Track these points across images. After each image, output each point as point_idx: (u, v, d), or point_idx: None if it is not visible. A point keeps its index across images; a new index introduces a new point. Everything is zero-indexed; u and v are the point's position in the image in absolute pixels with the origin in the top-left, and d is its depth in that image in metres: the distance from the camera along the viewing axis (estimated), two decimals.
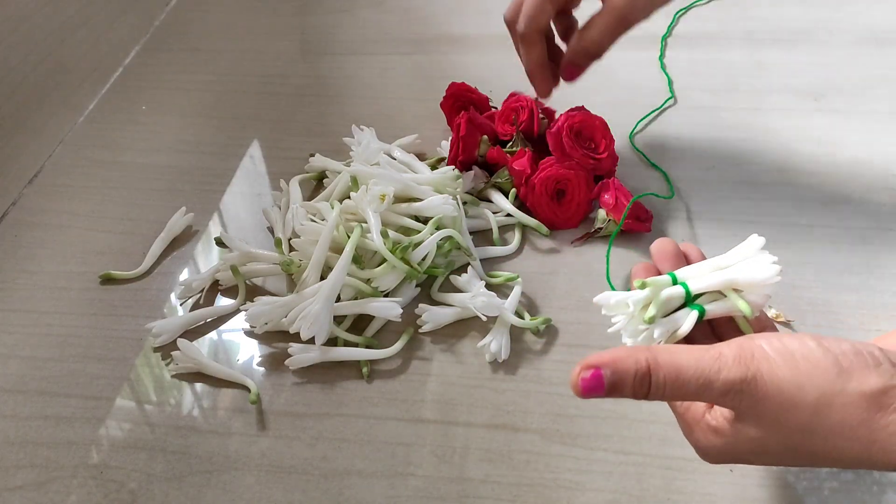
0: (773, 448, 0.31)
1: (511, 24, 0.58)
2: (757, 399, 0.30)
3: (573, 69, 0.58)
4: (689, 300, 0.38)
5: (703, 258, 0.41)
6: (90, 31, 0.81)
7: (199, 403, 0.51)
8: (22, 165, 0.70)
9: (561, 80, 0.58)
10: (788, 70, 0.77)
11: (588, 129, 0.62)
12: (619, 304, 0.37)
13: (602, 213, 0.59)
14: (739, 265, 0.38)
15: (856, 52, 0.79)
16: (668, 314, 0.37)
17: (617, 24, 0.54)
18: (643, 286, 0.37)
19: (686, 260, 0.41)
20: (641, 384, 0.31)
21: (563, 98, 0.74)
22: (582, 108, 0.63)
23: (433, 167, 0.65)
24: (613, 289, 0.54)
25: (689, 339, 0.37)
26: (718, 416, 0.33)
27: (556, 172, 0.59)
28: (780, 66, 0.78)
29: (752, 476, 0.44)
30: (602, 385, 0.31)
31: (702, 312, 0.37)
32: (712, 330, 0.39)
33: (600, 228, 0.59)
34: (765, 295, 0.37)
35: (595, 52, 0.56)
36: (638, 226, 0.58)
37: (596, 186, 0.60)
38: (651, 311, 0.36)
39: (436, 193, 0.58)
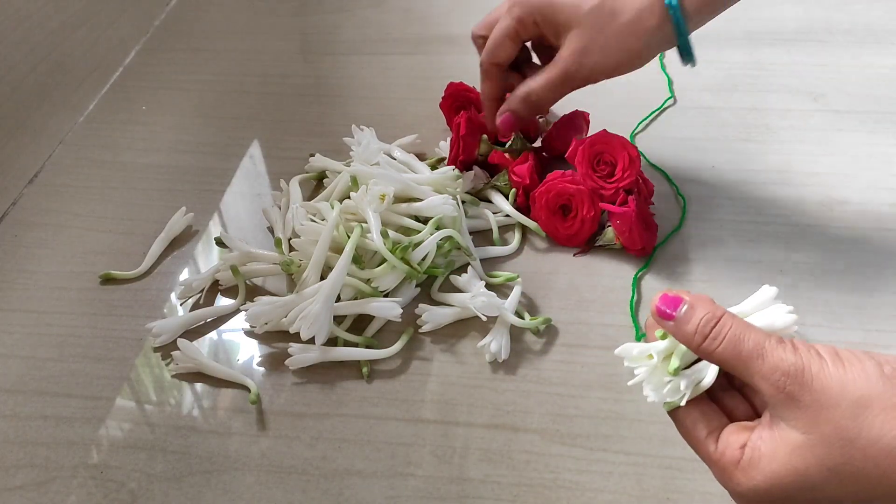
0: (814, 465, 0.30)
1: (475, 40, 0.60)
2: (802, 386, 0.30)
3: (508, 117, 0.57)
4: None
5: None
6: (90, 30, 0.81)
7: (199, 403, 0.51)
8: (22, 165, 0.70)
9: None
10: (788, 70, 0.77)
11: (609, 153, 0.57)
12: (641, 356, 0.36)
13: (610, 231, 0.57)
14: (756, 315, 0.37)
15: (856, 52, 0.79)
16: (689, 365, 0.37)
17: (561, 80, 0.53)
18: (664, 336, 0.36)
19: None
20: (708, 323, 0.33)
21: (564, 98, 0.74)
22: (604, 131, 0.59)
23: (433, 167, 0.65)
24: (636, 325, 0.53)
25: (709, 393, 0.37)
26: (756, 441, 0.33)
27: (559, 187, 0.57)
28: (780, 66, 0.78)
29: None
30: (679, 305, 0.34)
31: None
32: (729, 381, 0.38)
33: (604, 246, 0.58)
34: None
35: (534, 104, 0.56)
36: (642, 250, 0.57)
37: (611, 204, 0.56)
38: (675, 363, 0.35)
39: (436, 193, 0.58)
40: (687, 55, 0.52)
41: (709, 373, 0.36)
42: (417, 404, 0.50)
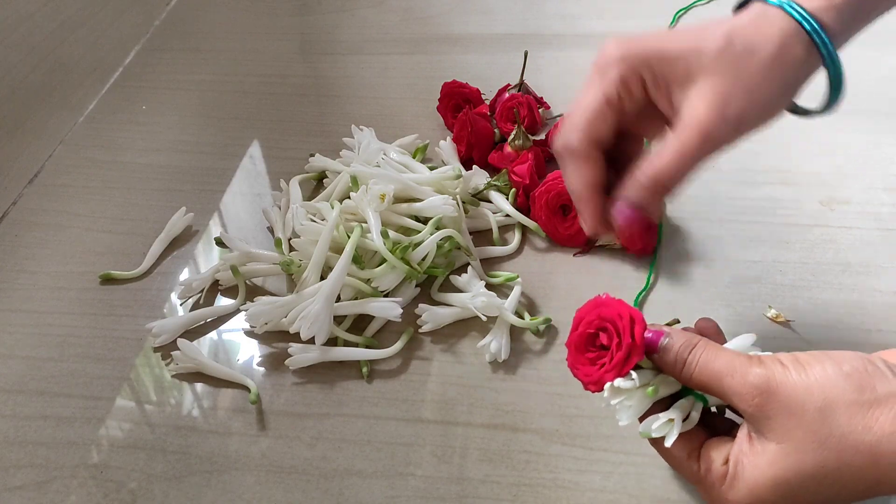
0: (793, 472, 0.31)
1: (568, 152, 0.41)
2: (769, 396, 0.32)
3: (632, 214, 0.39)
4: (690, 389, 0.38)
5: (719, 331, 0.41)
6: (90, 30, 0.81)
7: (199, 403, 0.51)
8: (22, 165, 0.70)
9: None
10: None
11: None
12: (623, 384, 0.36)
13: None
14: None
15: (856, 52, 0.79)
16: (672, 396, 0.38)
17: (700, 146, 0.37)
18: (638, 368, 0.37)
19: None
20: (685, 349, 0.36)
21: (563, 96, 0.74)
22: None
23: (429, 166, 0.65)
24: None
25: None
26: (737, 454, 0.34)
27: (559, 187, 0.57)
28: None
29: None
30: (658, 340, 0.37)
31: (705, 402, 0.38)
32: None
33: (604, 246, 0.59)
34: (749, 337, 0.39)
35: (665, 187, 0.39)
36: (643, 250, 0.57)
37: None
38: (653, 385, 0.37)
39: (436, 193, 0.58)
40: (836, 87, 0.39)
41: (694, 411, 0.37)
42: (417, 404, 0.50)
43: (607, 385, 0.36)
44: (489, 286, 0.55)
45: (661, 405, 0.37)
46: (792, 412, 0.31)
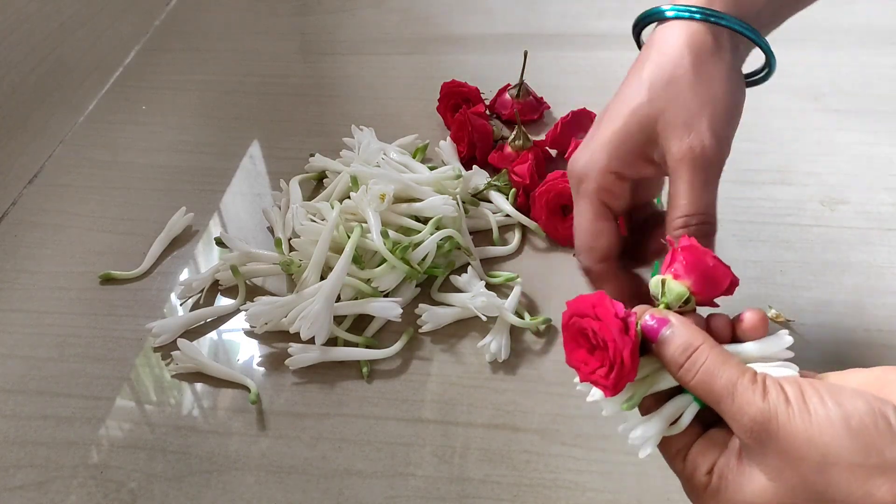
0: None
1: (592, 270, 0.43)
2: (769, 435, 0.30)
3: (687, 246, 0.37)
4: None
5: (730, 326, 0.37)
6: (90, 30, 0.81)
7: (199, 403, 0.51)
8: (22, 165, 0.70)
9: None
10: (788, 70, 0.77)
11: None
12: (606, 405, 0.34)
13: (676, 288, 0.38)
14: (748, 345, 0.35)
15: (856, 52, 0.79)
16: (667, 392, 0.35)
17: (699, 172, 0.38)
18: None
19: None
20: (684, 353, 0.32)
21: (563, 96, 0.74)
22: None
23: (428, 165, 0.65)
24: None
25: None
26: (723, 468, 0.32)
27: (559, 187, 0.57)
28: (780, 66, 0.77)
29: None
30: (664, 325, 0.33)
31: (702, 406, 0.35)
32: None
33: None
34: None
35: (704, 221, 0.38)
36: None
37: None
38: (632, 399, 0.34)
39: (436, 193, 0.58)
40: (766, 49, 0.44)
41: (687, 413, 0.35)
42: (417, 404, 0.50)
43: (592, 394, 0.34)
44: (489, 286, 0.55)
45: (656, 398, 0.35)
46: (789, 458, 0.29)
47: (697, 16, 0.39)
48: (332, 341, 0.52)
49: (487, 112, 0.70)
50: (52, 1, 0.75)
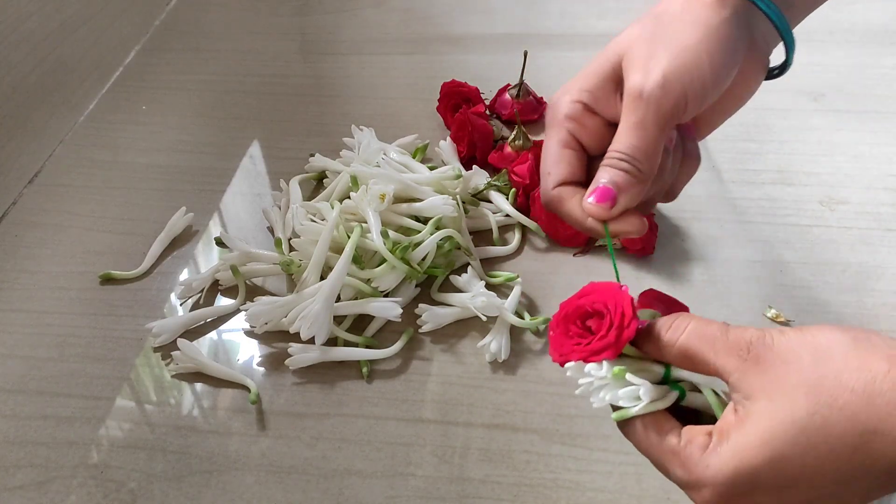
0: (781, 428, 0.29)
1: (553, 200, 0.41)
2: (765, 348, 0.31)
3: (605, 190, 0.38)
4: (668, 380, 0.35)
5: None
6: (90, 30, 0.81)
7: (199, 403, 0.51)
8: (22, 165, 0.70)
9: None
10: (789, 70, 0.77)
11: None
12: (594, 370, 0.34)
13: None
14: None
15: (856, 52, 0.79)
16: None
17: (646, 111, 0.37)
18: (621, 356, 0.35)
19: None
20: (667, 321, 0.34)
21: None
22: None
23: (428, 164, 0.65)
24: None
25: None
26: (720, 425, 0.32)
27: None
28: None
29: None
30: (642, 324, 0.34)
31: (682, 395, 0.35)
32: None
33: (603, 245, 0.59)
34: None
35: (629, 163, 0.37)
36: (642, 250, 0.57)
37: None
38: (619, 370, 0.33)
39: (436, 193, 0.58)
40: (779, 23, 0.39)
41: (667, 397, 0.34)
42: (417, 404, 0.50)
43: (570, 363, 0.34)
44: (489, 286, 0.55)
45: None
46: (786, 360, 0.30)
47: None
48: (332, 341, 0.52)
49: (487, 112, 0.70)
50: (52, 1, 0.75)
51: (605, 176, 0.38)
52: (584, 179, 0.41)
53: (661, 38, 0.37)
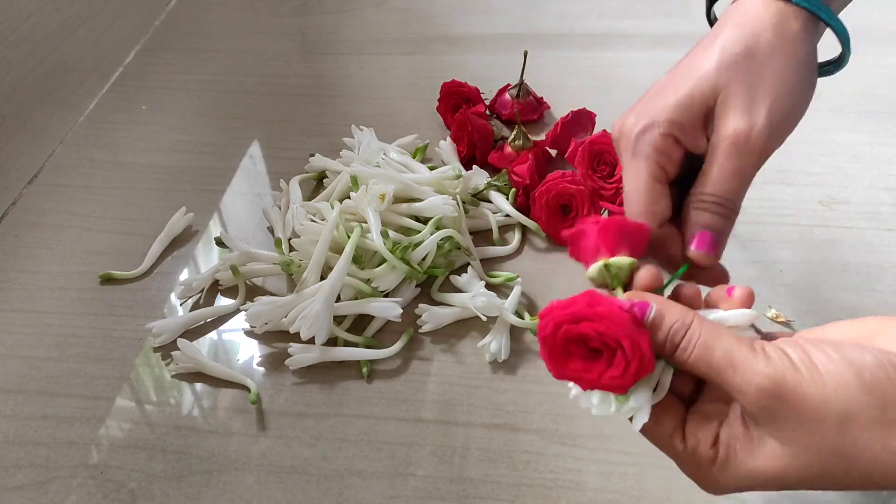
0: (794, 472, 0.30)
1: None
2: (780, 402, 0.29)
3: (707, 237, 0.37)
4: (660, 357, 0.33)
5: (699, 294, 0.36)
6: (90, 30, 0.81)
7: (199, 403, 0.51)
8: (22, 165, 0.70)
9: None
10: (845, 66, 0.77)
11: (610, 154, 0.58)
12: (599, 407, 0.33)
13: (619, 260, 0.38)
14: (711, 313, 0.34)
15: (856, 52, 0.79)
16: None
17: (738, 159, 0.36)
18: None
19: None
20: (678, 332, 0.31)
21: (563, 96, 0.74)
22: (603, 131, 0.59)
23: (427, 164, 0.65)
24: None
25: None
26: (729, 439, 0.32)
27: (559, 187, 0.57)
28: None
29: None
30: (646, 309, 0.31)
31: (675, 368, 0.34)
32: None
33: None
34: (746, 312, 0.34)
35: (723, 205, 0.37)
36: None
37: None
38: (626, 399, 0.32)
39: (436, 193, 0.58)
40: (845, 42, 0.39)
41: (665, 377, 0.33)
42: (417, 404, 0.50)
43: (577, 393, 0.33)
44: (489, 286, 0.55)
45: None
46: (806, 421, 0.29)
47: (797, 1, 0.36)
48: (332, 341, 0.52)
49: (487, 112, 0.70)
50: (52, 1, 0.75)
51: (704, 220, 0.37)
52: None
53: (760, 80, 0.36)
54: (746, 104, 0.36)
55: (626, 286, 0.34)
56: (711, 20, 0.43)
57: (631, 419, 0.33)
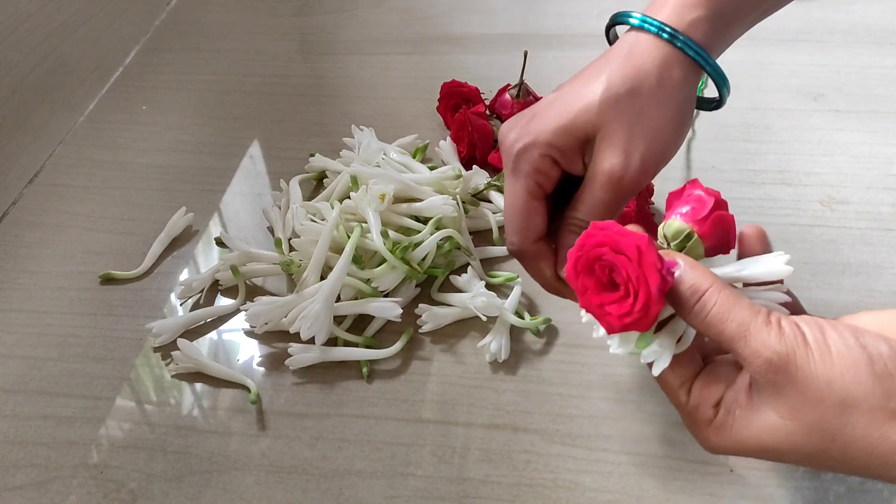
0: (787, 447, 0.30)
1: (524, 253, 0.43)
2: (786, 377, 0.29)
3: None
4: None
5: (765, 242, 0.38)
6: (90, 30, 0.81)
7: (199, 403, 0.51)
8: (22, 165, 0.70)
9: None
10: (788, 70, 0.77)
11: None
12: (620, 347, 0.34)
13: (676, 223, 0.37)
14: (746, 264, 0.35)
15: (856, 52, 0.79)
16: (666, 320, 0.35)
17: (609, 193, 0.39)
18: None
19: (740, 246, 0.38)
20: (693, 295, 0.32)
21: None
22: None
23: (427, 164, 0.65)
24: None
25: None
26: (730, 403, 0.32)
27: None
28: (780, 66, 0.78)
29: (752, 476, 0.44)
30: (673, 268, 0.32)
31: None
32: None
33: None
34: (779, 295, 0.35)
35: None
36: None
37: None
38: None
39: (436, 193, 0.58)
40: (722, 87, 0.41)
41: (688, 332, 0.34)
42: (417, 404, 0.50)
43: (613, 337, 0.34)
44: (489, 286, 0.55)
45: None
46: (808, 398, 0.29)
47: (665, 35, 0.39)
48: (332, 341, 0.52)
49: (487, 112, 0.70)
50: (52, 1, 0.75)
51: (573, 242, 0.38)
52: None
53: (639, 123, 0.39)
54: (624, 145, 0.38)
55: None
56: (610, 39, 0.45)
57: (650, 364, 0.34)
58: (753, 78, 0.76)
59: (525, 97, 0.71)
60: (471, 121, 0.64)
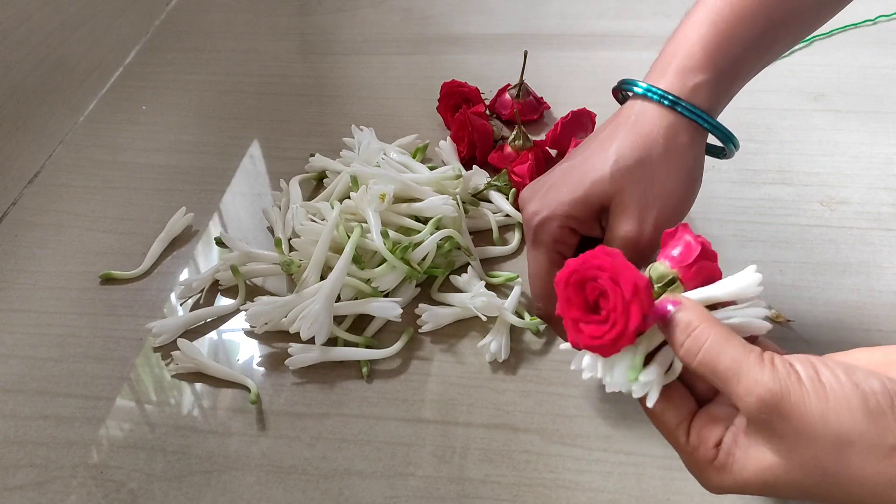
0: (784, 485, 0.30)
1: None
2: (780, 417, 0.29)
3: None
4: None
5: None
6: (90, 30, 0.81)
7: (199, 403, 0.51)
8: (22, 165, 0.70)
9: None
10: (788, 70, 0.77)
11: None
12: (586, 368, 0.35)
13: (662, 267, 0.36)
14: (719, 286, 0.35)
15: (856, 52, 0.79)
16: (656, 349, 0.35)
17: (630, 258, 0.36)
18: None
19: None
20: (684, 331, 0.32)
21: (563, 96, 0.75)
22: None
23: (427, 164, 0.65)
24: None
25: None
26: (730, 444, 0.32)
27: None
28: (780, 66, 0.78)
29: None
30: (668, 313, 0.33)
31: None
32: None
33: None
34: (761, 320, 0.34)
35: None
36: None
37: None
38: (638, 359, 0.33)
39: (436, 193, 0.58)
40: (729, 142, 0.44)
41: (678, 361, 0.34)
42: (417, 404, 0.50)
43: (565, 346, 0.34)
44: (489, 286, 0.55)
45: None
46: (803, 438, 0.29)
47: (666, 102, 0.41)
48: (332, 341, 0.52)
49: (487, 112, 0.70)
50: (52, 1, 0.75)
51: None
52: None
53: (650, 189, 0.41)
54: (637, 211, 0.41)
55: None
56: (619, 99, 0.47)
57: (632, 393, 0.34)
58: (753, 78, 0.76)
59: (525, 97, 0.71)
60: (471, 121, 0.64)
